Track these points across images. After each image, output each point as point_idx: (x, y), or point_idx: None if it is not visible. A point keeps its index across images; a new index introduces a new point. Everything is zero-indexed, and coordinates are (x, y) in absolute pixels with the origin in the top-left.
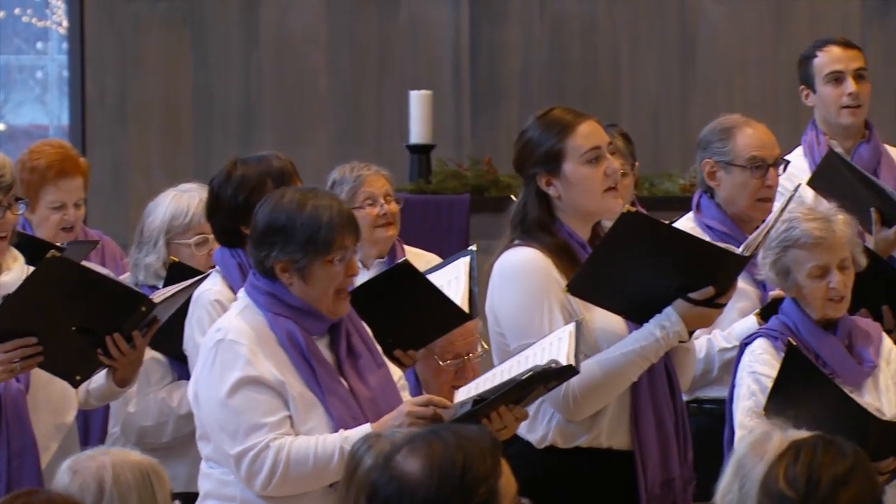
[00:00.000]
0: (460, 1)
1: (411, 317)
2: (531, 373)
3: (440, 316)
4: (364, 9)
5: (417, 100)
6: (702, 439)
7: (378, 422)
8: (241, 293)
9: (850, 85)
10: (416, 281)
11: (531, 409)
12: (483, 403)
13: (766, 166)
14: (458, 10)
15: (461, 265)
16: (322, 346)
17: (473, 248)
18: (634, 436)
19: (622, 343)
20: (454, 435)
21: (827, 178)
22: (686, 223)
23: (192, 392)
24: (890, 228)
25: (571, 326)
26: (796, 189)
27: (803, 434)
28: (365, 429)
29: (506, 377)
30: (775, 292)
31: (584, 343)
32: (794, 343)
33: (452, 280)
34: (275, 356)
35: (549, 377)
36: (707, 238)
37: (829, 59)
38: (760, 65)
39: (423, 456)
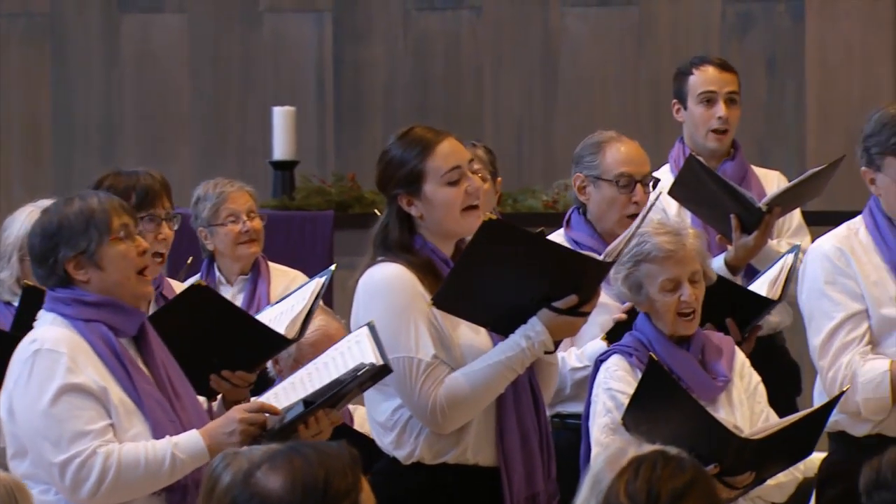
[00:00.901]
0: (324, 18)
1: (229, 338)
2: (356, 373)
3: (257, 339)
4: (227, 25)
5: (281, 116)
6: (564, 454)
7: (205, 428)
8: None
9: (721, 108)
10: (219, 303)
11: (398, 425)
12: (314, 406)
13: (633, 183)
14: (321, 27)
15: (312, 285)
16: (132, 351)
17: (332, 267)
18: (500, 451)
19: (488, 355)
20: (314, 450)
21: (687, 185)
22: (556, 238)
23: (3, 408)
24: (749, 235)
25: (365, 329)
26: (657, 198)
27: (647, 448)
28: (193, 434)
29: (308, 385)
30: (618, 315)
31: (450, 357)
32: (655, 357)
33: (298, 301)
34: (93, 363)
35: (365, 379)
36: None
37: (703, 78)
38: (622, 83)
39: (284, 472)
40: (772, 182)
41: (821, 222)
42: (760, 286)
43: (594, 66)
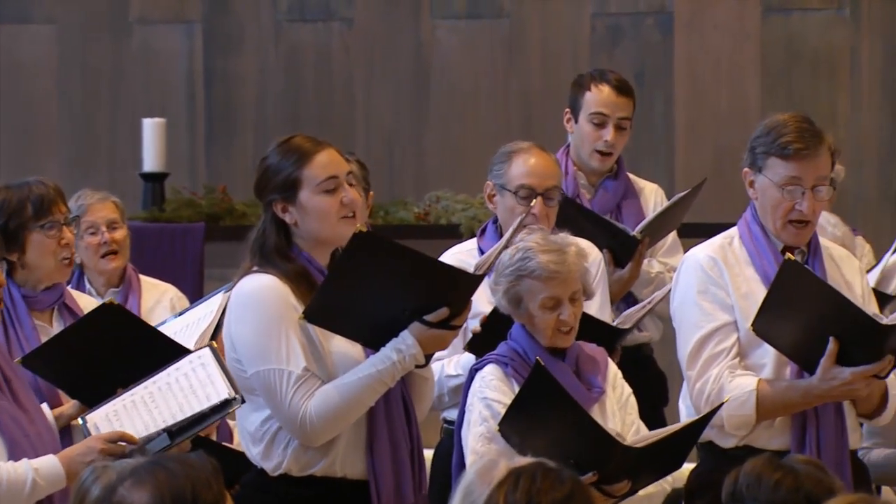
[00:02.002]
0: (194, 29)
1: (137, 353)
2: (220, 410)
3: (167, 355)
4: (96, 35)
5: (151, 128)
6: (447, 459)
7: (64, 454)
8: None
9: (610, 132)
10: (127, 319)
11: (267, 436)
12: (179, 439)
13: (534, 195)
14: (191, 38)
15: (217, 298)
16: None
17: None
18: (369, 464)
19: (359, 368)
20: (179, 463)
21: (565, 220)
22: (467, 245)
23: None
24: (623, 268)
25: (208, 351)
26: (526, 215)
27: (523, 460)
28: (53, 461)
29: (152, 407)
30: (476, 326)
31: (322, 369)
32: (542, 362)
33: (205, 315)
34: None
35: (222, 409)
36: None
37: (598, 99)
38: (493, 95)
39: (150, 486)
40: (651, 194)
41: (690, 234)
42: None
43: (465, 77)
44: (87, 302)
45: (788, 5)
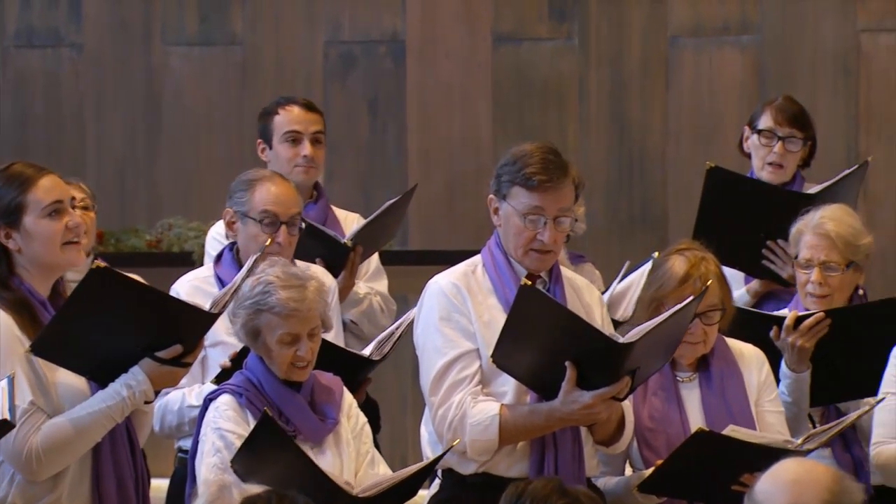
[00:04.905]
0: None
1: (142, 321)
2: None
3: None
4: None
5: None
6: (182, 488)
7: None
8: None
9: (307, 147)
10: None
11: None
12: None
13: (278, 223)
14: None
15: None
16: None
17: None
18: (95, 497)
19: (88, 402)
20: None
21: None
22: (203, 272)
23: None
24: (336, 278)
25: (4, 382)
26: (270, 242)
27: (256, 489)
28: None
29: None
30: (225, 361)
31: (48, 403)
32: (269, 412)
33: None
34: None
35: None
36: (216, 289)
37: (289, 118)
38: (227, 122)
39: None
40: (351, 224)
41: (423, 262)
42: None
43: (198, 104)
44: None
45: (519, 35)
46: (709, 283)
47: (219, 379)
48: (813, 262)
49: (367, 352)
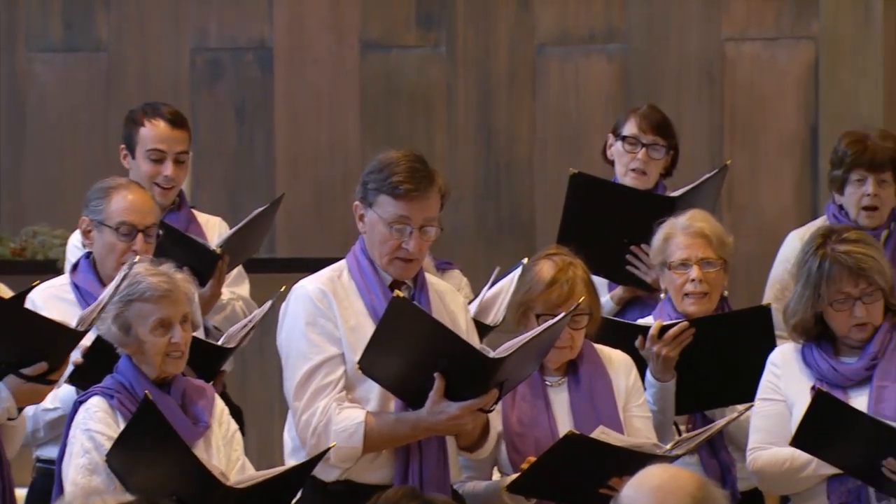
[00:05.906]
0: None
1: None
2: None
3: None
4: None
5: None
6: (43, 499)
7: None
8: None
9: (169, 168)
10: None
11: None
12: None
13: (135, 232)
14: None
15: None
16: None
17: None
18: None
19: None
20: None
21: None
22: (60, 280)
23: None
24: (204, 287)
25: None
26: (132, 264)
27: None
28: None
29: None
30: (77, 357)
31: None
32: (150, 398)
33: None
34: None
35: None
36: (73, 297)
37: (154, 135)
38: (92, 130)
39: None
40: (214, 227)
41: (291, 269)
42: None
43: (63, 112)
44: None
45: (387, 42)
46: (581, 300)
47: (72, 378)
48: (690, 261)
49: (220, 342)
